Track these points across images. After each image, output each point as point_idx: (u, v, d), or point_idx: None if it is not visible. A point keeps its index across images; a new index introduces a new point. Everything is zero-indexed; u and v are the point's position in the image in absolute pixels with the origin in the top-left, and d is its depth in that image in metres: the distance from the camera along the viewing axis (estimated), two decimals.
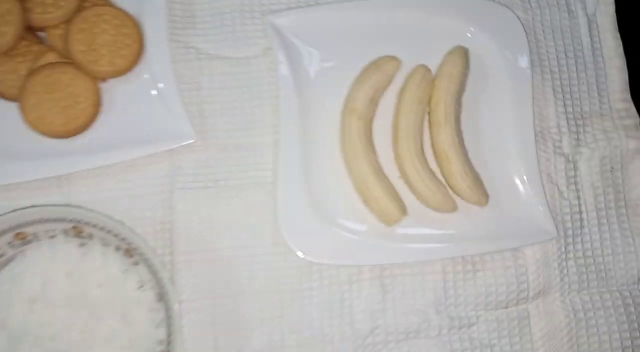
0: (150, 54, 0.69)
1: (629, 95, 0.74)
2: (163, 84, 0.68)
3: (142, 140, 0.67)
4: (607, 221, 0.72)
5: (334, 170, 0.69)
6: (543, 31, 0.75)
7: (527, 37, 0.72)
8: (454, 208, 0.68)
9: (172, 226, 0.68)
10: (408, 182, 0.69)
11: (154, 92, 0.69)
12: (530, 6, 0.74)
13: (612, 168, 0.73)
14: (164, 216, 0.68)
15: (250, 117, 0.71)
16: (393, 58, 0.69)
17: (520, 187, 0.71)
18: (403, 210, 0.67)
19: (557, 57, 0.75)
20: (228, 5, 0.71)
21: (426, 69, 0.69)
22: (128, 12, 0.68)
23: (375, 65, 0.72)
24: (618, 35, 0.76)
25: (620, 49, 0.75)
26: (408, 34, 0.72)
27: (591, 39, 0.76)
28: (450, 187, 0.68)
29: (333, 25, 0.71)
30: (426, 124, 0.70)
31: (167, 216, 0.68)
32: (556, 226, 0.69)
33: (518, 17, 0.72)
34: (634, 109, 0.74)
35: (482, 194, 0.68)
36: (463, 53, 0.69)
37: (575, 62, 0.75)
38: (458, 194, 0.68)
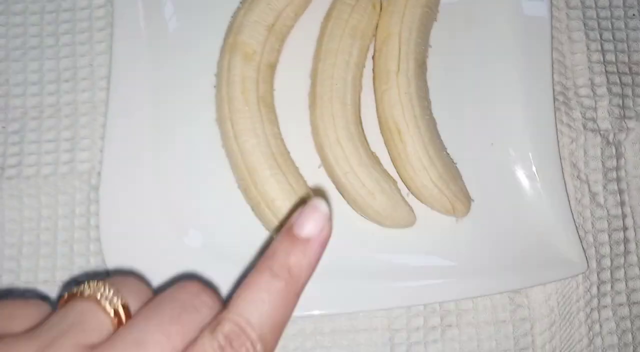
0: None
1: None
2: None
3: None
4: None
5: (204, 153, 0.44)
6: None
7: None
8: (409, 220, 0.43)
9: None
10: (332, 176, 0.40)
11: None
12: None
13: None
14: None
15: (72, 62, 0.43)
16: None
17: (527, 185, 0.45)
18: None
19: None
20: None
21: None
22: None
23: None
24: None
25: None
26: None
27: None
28: (406, 185, 0.42)
29: None
30: (368, 74, 0.39)
31: None
32: (585, 253, 0.43)
33: None
34: None
35: (458, 197, 0.42)
36: None
37: None
38: (418, 197, 0.43)
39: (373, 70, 0.43)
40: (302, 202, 0.40)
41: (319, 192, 0.43)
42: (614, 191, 0.46)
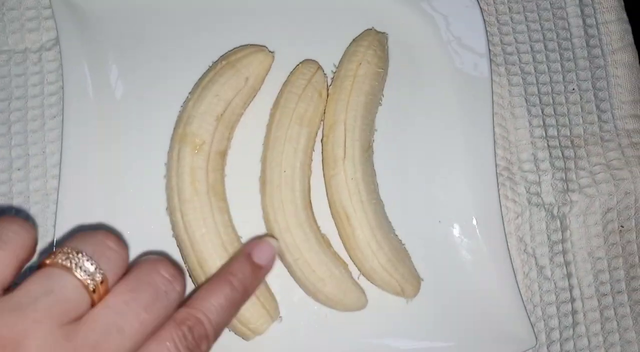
0: None
1: None
2: None
3: None
4: (615, 314, 0.49)
5: (156, 242, 0.44)
6: (509, 9, 0.51)
7: (484, 17, 0.43)
8: (360, 304, 0.43)
9: None
10: (283, 261, 0.42)
11: None
12: None
13: (622, 227, 0.49)
14: None
15: (24, 150, 0.43)
16: (259, 49, 0.41)
17: (474, 262, 0.46)
18: (271, 311, 0.42)
19: (531, 49, 0.53)
20: None
21: (315, 67, 0.46)
22: None
23: (228, 62, 0.43)
24: (625, 15, 0.53)
25: (630, 37, 0.53)
26: (286, 9, 0.47)
27: (584, 21, 0.53)
28: (357, 267, 0.44)
29: None
30: (318, 159, 0.40)
31: None
32: (533, 328, 0.44)
33: None
34: None
35: (407, 279, 0.43)
36: (377, 41, 0.47)
37: (560, 57, 0.52)
38: (368, 279, 0.44)
39: (322, 154, 0.44)
40: None
41: None
42: (560, 264, 0.47)
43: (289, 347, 0.43)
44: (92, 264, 0.25)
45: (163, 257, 0.29)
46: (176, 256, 0.42)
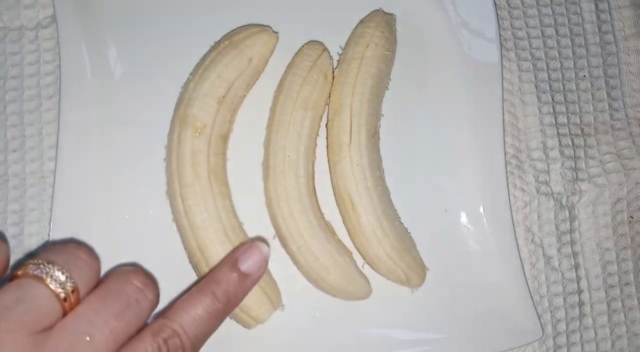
0: None
1: None
2: None
3: None
4: (623, 306, 0.48)
5: (155, 226, 0.43)
6: None
7: (495, 2, 0.46)
8: (365, 293, 0.42)
9: None
10: (286, 248, 0.41)
11: None
12: None
13: (632, 218, 0.48)
14: None
15: (20, 131, 0.46)
16: (263, 29, 0.41)
17: (481, 251, 0.45)
18: (273, 299, 0.41)
19: (541, 34, 0.51)
20: None
21: (320, 48, 0.45)
22: None
23: (231, 42, 0.42)
24: (639, 0, 0.47)
25: None
26: None
27: (596, 6, 0.51)
28: (361, 255, 0.43)
29: None
30: (323, 144, 0.42)
31: None
32: (540, 319, 0.43)
33: None
34: None
35: (412, 268, 0.42)
36: (385, 23, 0.45)
37: (572, 43, 0.51)
38: (373, 267, 0.43)
39: (327, 139, 0.43)
40: None
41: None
42: (568, 254, 0.46)
43: (290, 335, 0.42)
44: (63, 274, 0.26)
45: (135, 267, 0.29)
46: (176, 241, 0.41)
